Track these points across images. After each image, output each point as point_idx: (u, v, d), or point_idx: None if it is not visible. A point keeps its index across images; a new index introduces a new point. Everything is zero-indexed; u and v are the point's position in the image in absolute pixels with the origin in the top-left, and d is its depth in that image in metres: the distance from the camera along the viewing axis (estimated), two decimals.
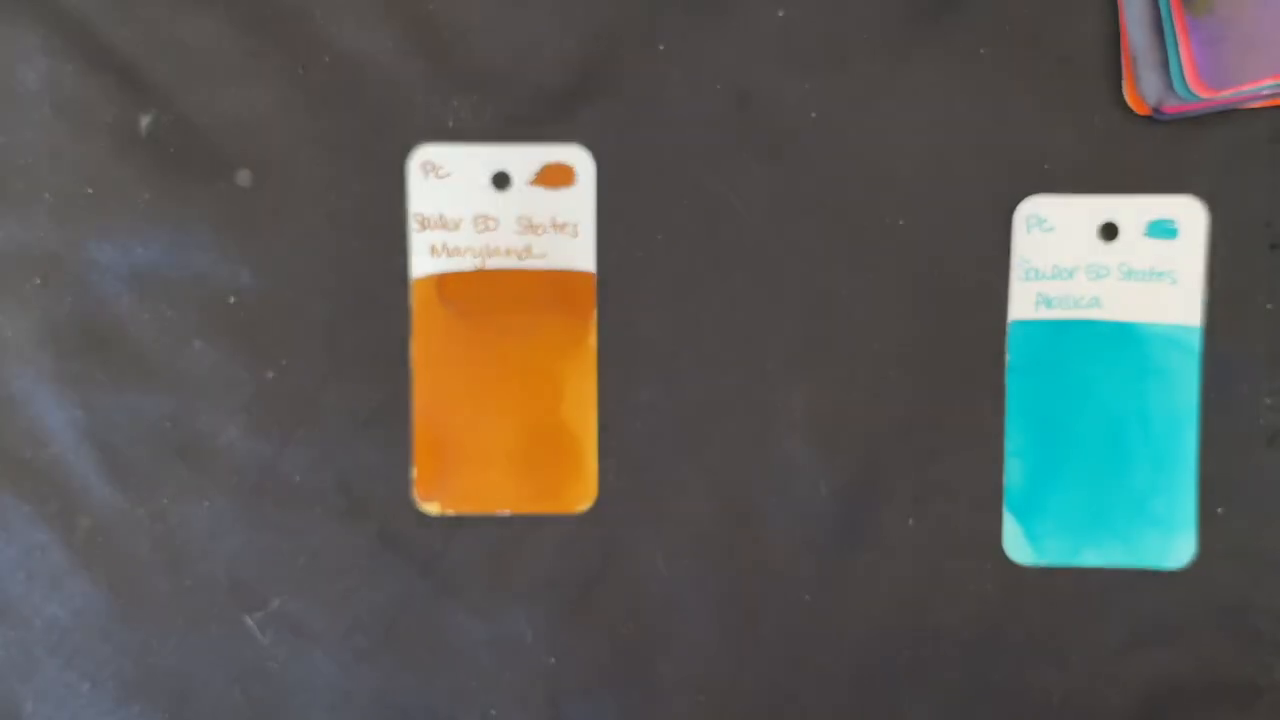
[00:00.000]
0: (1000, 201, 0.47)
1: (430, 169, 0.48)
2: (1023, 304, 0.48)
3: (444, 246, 0.48)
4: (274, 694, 0.49)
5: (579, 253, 0.48)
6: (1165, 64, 0.46)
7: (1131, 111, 0.47)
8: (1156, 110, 0.46)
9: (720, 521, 0.48)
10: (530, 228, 0.48)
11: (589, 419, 0.48)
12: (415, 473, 0.48)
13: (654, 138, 0.48)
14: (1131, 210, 0.47)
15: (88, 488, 0.49)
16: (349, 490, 0.49)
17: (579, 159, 0.48)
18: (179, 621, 0.49)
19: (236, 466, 0.49)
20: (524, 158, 0.48)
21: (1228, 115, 0.47)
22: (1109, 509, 0.47)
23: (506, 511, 0.48)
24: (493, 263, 0.48)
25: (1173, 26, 0.45)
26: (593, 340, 0.48)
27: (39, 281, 0.48)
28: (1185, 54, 0.45)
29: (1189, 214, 0.47)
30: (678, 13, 0.48)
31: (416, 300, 0.48)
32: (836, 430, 0.48)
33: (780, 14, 0.48)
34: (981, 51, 0.47)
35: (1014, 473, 0.48)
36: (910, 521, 0.48)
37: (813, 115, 0.48)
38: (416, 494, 0.48)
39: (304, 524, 0.49)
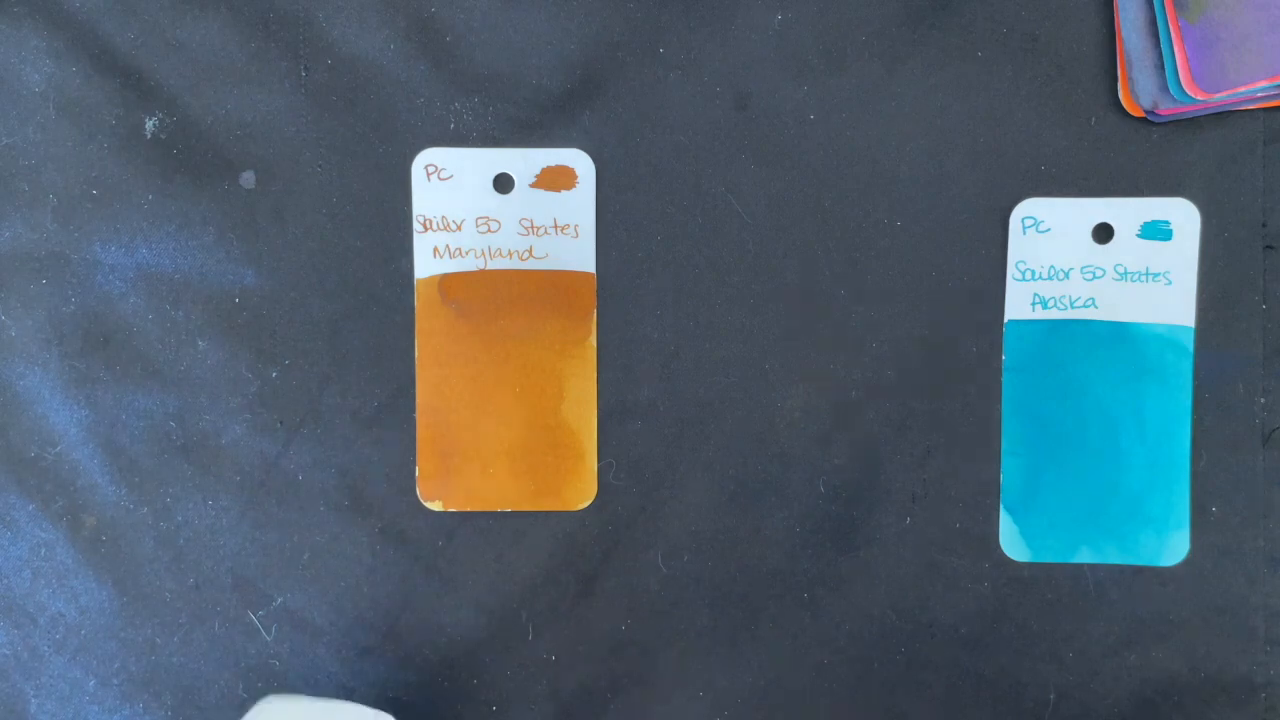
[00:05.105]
0: (996, 203, 0.48)
1: (433, 171, 0.48)
2: (1019, 304, 0.48)
3: (446, 248, 0.48)
4: (278, 690, 0.49)
5: (579, 254, 0.48)
6: (1160, 67, 0.46)
7: (1126, 114, 0.47)
8: (1151, 113, 0.46)
9: (719, 520, 0.49)
10: (531, 229, 0.48)
11: (589, 418, 0.48)
12: (418, 471, 0.49)
13: (654, 140, 0.48)
14: (1126, 211, 0.47)
15: (93, 486, 0.49)
16: (352, 488, 0.49)
17: (579, 161, 0.48)
18: (183, 618, 0.49)
19: (240, 465, 0.49)
20: (525, 160, 0.48)
21: (1221, 118, 0.47)
22: (1104, 507, 0.48)
23: (508, 509, 0.49)
24: (495, 263, 0.48)
25: (1167, 30, 0.45)
26: (593, 340, 0.48)
27: (44, 282, 0.49)
28: (1179, 57, 0.45)
29: (1183, 215, 0.47)
30: (677, 17, 0.48)
31: (419, 300, 0.48)
32: (834, 429, 0.48)
33: (778, 18, 0.48)
34: (978, 55, 0.48)
35: (1010, 471, 0.48)
36: (908, 520, 0.48)
37: (811, 118, 0.48)
38: (419, 492, 0.49)
39: (307, 521, 0.49)
